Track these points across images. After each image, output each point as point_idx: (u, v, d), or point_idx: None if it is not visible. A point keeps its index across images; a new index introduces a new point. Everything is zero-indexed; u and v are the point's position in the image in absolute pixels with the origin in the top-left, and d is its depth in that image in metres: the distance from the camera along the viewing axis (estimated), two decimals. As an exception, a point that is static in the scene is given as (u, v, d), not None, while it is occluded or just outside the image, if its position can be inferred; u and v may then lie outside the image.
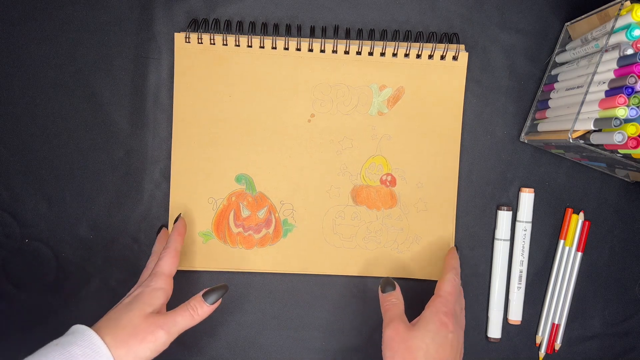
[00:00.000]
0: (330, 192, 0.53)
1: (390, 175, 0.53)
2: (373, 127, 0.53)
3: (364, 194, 0.53)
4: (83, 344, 0.37)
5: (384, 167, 0.53)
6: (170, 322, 0.41)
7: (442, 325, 0.41)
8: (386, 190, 0.53)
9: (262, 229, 0.52)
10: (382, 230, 0.53)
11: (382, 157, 0.53)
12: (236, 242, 0.52)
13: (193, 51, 0.52)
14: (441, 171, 0.53)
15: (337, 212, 0.53)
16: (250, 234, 0.52)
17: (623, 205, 0.53)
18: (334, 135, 0.53)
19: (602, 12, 0.46)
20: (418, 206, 0.53)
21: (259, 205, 0.52)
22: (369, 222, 0.53)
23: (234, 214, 0.52)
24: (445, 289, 0.44)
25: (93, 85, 0.52)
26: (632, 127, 0.40)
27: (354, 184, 0.53)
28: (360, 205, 0.53)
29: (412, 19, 0.54)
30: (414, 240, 0.53)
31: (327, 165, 0.53)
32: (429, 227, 0.53)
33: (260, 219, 0.52)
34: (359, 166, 0.53)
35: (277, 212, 0.52)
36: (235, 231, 0.52)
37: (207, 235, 0.52)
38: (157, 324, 0.40)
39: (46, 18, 0.52)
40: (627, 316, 0.53)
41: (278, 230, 0.52)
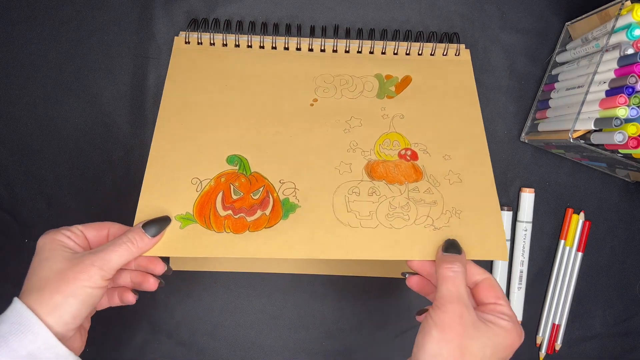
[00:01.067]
0: (340, 167, 0.46)
1: (409, 149, 0.47)
2: (382, 108, 0.49)
3: (381, 168, 0.46)
4: (10, 318, 0.33)
5: (401, 143, 0.48)
6: (102, 258, 0.35)
7: (516, 339, 0.34)
8: (407, 164, 0.47)
9: (256, 210, 0.44)
10: (409, 205, 0.45)
11: (397, 133, 0.48)
12: (223, 227, 0.43)
13: (192, 52, 0.51)
14: (469, 146, 0.47)
15: (349, 187, 0.45)
16: (241, 217, 0.44)
17: (623, 205, 0.53)
18: (340, 116, 0.49)
19: (603, 12, 0.46)
20: (450, 178, 0.46)
21: (253, 186, 0.45)
22: (392, 197, 0.45)
23: (222, 196, 0.45)
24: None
25: (93, 85, 0.52)
26: (633, 127, 0.40)
27: (367, 160, 0.47)
28: (378, 180, 0.46)
29: (412, 19, 0.54)
30: (453, 214, 0.44)
31: (334, 143, 0.47)
32: (468, 199, 0.45)
33: (255, 199, 0.45)
34: (372, 142, 0.48)
35: (275, 192, 0.45)
36: (222, 214, 0.44)
37: (187, 220, 0.44)
38: (86, 262, 0.34)
39: (46, 18, 0.52)
40: (627, 316, 0.53)
41: (277, 210, 0.44)
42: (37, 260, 0.36)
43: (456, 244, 0.39)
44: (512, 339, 0.34)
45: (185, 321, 0.50)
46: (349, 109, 0.49)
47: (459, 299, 0.33)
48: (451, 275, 0.35)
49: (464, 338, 0.32)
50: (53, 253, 0.36)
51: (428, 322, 0.33)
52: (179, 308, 0.50)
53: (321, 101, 0.49)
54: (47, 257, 0.35)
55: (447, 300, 0.33)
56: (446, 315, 0.32)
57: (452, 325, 0.32)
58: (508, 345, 0.34)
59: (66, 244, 0.36)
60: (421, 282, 0.41)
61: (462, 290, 0.34)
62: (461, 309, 0.33)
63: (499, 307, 0.35)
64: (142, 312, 0.50)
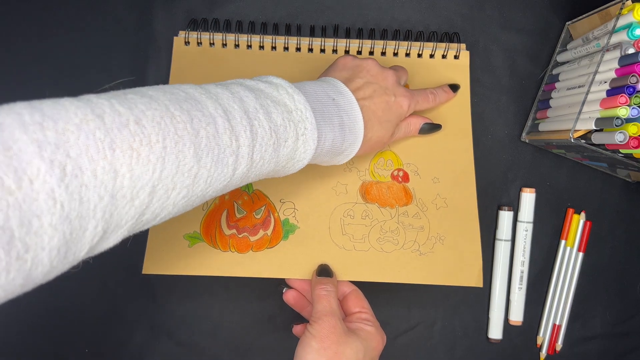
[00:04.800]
0: (337, 188, 0.48)
1: (401, 170, 0.50)
2: None
3: (375, 190, 0.49)
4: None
5: (394, 163, 0.50)
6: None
7: (380, 341, 0.40)
8: (399, 186, 0.49)
9: (259, 230, 0.47)
10: (398, 230, 0.48)
11: (391, 152, 0.50)
12: (228, 246, 0.46)
13: (192, 52, 0.51)
14: (457, 166, 0.50)
15: (345, 210, 0.48)
16: (245, 236, 0.47)
17: (624, 206, 0.53)
18: None
19: (603, 12, 0.45)
20: (437, 202, 0.49)
21: (255, 204, 0.48)
22: (383, 220, 0.48)
23: (226, 214, 0.47)
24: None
25: (93, 85, 0.52)
26: (634, 126, 0.40)
27: (362, 180, 0.49)
28: (371, 202, 0.48)
29: (413, 19, 0.54)
30: (437, 240, 0.48)
31: None
32: (452, 225, 0.48)
33: (257, 219, 0.47)
34: (367, 161, 0.50)
35: (276, 212, 0.48)
36: (227, 233, 0.47)
37: (194, 238, 0.46)
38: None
39: (46, 18, 0.52)
40: (628, 316, 0.53)
41: (278, 231, 0.47)
42: None
43: (328, 269, 0.45)
44: (377, 341, 0.40)
45: (185, 322, 0.50)
46: None
47: (332, 313, 0.39)
48: (325, 294, 0.40)
49: (339, 345, 0.37)
50: None
51: (307, 336, 0.38)
52: (179, 309, 0.50)
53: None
54: None
55: (322, 314, 0.39)
56: (322, 327, 0.37)
57: (329, 335, 0.37)
58: (374, 347, 0.39)
59: None
60: (297, 297, 0.46)
61: (334, 305, 0.40)
62: (335, 321, 0.38)
63: (363, 314, 0.41)
64: (142, 312, 0.50)
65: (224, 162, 0.29)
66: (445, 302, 0.51)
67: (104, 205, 0.23)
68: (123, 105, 0.25)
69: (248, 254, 0.46)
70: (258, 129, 0.31)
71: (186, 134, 0.26)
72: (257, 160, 0.31)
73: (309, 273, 0.46)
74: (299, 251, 0.47)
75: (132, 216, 0.25)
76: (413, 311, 0.51)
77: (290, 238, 0.47)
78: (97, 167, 0.22)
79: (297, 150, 0.34)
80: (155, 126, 0.25)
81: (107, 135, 0.23)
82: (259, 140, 0.31)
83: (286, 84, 0.35)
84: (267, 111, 0.32)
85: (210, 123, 0.28)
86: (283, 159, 0.34)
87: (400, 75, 0.46)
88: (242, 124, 0.30)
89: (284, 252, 0.47)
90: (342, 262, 0.47)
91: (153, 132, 0.25)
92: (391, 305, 0.51)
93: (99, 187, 0.22)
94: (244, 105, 0.31)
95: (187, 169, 0.27)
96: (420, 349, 0.51)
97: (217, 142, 0.28)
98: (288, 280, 0.47)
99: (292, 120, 0.33)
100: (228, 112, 0.30)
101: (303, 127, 0.34)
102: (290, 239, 0.47)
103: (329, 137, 0.37)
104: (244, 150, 0.30)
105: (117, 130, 0.23)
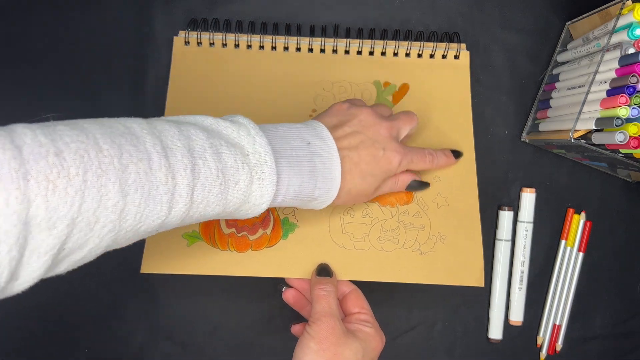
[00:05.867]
0: None
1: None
2: None
3: None
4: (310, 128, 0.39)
5: None
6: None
7: (379, 342, 0.40)
8: None
9: (258, 229, 0.47)
10: (399, 229, 0.48)
11: None
12: (227, 245, 0.46)
13: (192, 53, 0.51)
14: (458, 165, 0.49)
15: (345, 209, 0.48)
16: (244, 235, 0.46)
17: (625, 205, 0.53)
18: None
19: (604, 11, 0.45)
20: (438, 201, 0.49)
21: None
22: (383, 219, 0.48)
23: None
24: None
25: (93, 85, 0.52)
26: (634, 126, 0.40)
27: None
28: (371, 201, 0.48)
29: (413, 19, 0.54)
30: (438, 240, 0.48)
31: None
32: (453, 225, 0.48)
33: (256, 217, 0.47)
34: None
35: (275, 211, 0.47)
36: (226, 232, 0.46)
37: (193, 237, 0.46)
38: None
39: (46, 18, 0.52)
40: (629, 317, 0.53)
41: (277, 230, 0.47)
42: None
43: (327, 269, 0.44)
44: (376, 342, 0.39)
45: (184, 322, 0.50)
46: None
47: (331, 314, 0.38)
48: (324, 295, 0.40)
49: (337, 346, 0.36)
50: None
51: (305, 336, 0.37)
52: (179, 309, 0.50)
53: (319, 111, 0.50)
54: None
55: (321, 314, 0.38)
56: (321, 328, 0.37)
57: (327, 336, 0.37)
58: (374, 348, 0.39)
59: None
60: (297, 296, 0.46)
61: (334, 306, 0.39)
62: (334, 322, 0.38)
63: (363, 315, 0.41)
64: (141, 312, 0.49)
65: (157, 200, 0.28)
66: (446, 302, 0.51)
67: (18, 231, 0.23)
68: (47, 137, 0.25)
69: (247, 253, 0.46)
70: (202, 168, 0.30)
71: (112, 169, 0.26)
72: (200, 201, 0.30)
73: (308, 272, 0.46)
74: (299, 250, 0.47)
75: (51, 245, 0.25)
76: (413, 311, 0.51)
77: (290, 237, 0.47)
78: (10, 196, 0.23)
79: (251, 194, 0.33)
80: (77, 159, 0.25)
81: (22, 166, 0.23)
82: (201, 180, 0.30)
83: (251, 125, 0.34)
84: (217, 151, 0.31)
85: (143, 159, 0.28)
86: (234, 202, 0.33)
87: (400, 127, 0.43)
88: (182, 162, 0.29)
89: (283, 251, 0.46)
90: (342, 261, 0.46)
91: (73, 165, 0.25)
92: (391, 305, 0.51)
93: (11, 215, 0.23)
94: (190, 143, 0.30)
95: (112, 204, 0.26)
96: (420, 349, 0.50)
97: (149, 178, 0.28)
98: (288, 279, 0.47)
99: (247, 162, 0.32)
100: (168, 149, 0.29)
101: (260, 170, 0.33)
102: (289, 238, 0.47)
103: (294, 182, 0.36)
104: (182, 189, 0.29)
105: (34, 162, 0.24)
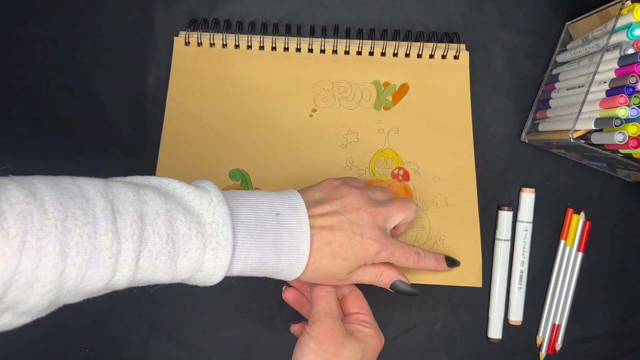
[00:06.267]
0: None
1: (402, 169, 0.50)
2: (379, 121, 0.51)
3: None
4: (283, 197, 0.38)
5: (395, 161, 0.50)
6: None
7: (378, 343, 0.40)
8: (399, 185, 0.49)
9: None
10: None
11: (391, 150, 0.50)
12: None
13: (192, 53, 0.51)
14: (457, 165, 0.50)
15: None
16: None
17: (624, 206, 0.53)
18: (338, 129, 0.50)
19: (603, 12, 0.46)
20: (437, 201, 0.49)
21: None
22: None
23: None
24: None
25: (93, 85, 0.52)
26: (633, 126, 0.40)
27: (363, 179, 0.49)
28: None
29: (413, 19, 0.54)
30: (438, 240, 0.48)
31: (332, 160, 0.49)
32: (452, 225, 0.49)
33: None
34: (367, 160, 0.50)
35: None
36: None
37: None
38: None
39: (46, 18, 0.52)
40: (628, 316, 0.53)
41: None
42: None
43: None
44: (375, 343, 0.39)
45: (184, 322, 0.50)
46: (347, 121, 0.51)
47: (331, 315, 0.38)
48: (324, 295, 0.40)
49: (337, 347, 0.37)
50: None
51: (305, 337, 0.37)
52: (179, 308, 0.50)
53: (320, 111, 0.50)
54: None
55: (321, 315, 0.38)
56: (321, 329, 0.37)
57: (327, 337, 0.37)
58: (373, 349, 0.39)
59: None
60: (297, 296, 0.46)
61: (333, 306, 0.39)
62: (334, 323, 0.38)
63: (362, 316, 0.41)
64: (141, 312, 0.50)
65: (100, 263, 0.28)
66: (445, 302, 0.51)
67: None
68: None
69: None
70: (151, 235, 0.30)
71: (54, 231, 0.26)
72: (146, 267, 0.30)
73: None
74: None
75: None
76: (413, 311, 0.51)
77: None
78: None
79: (204, 264, 0.33)
80: (18, 220, 0.25)
81: None
82: (148, 246, 0.30)
83: (215, 193, 0.34)
84: (170, 218, 0.31)
85: (89, 223, 0.28)
86: (185, 270, 0.33)
87: (389, 215, 0.41)
88: (131, 228, 0.29)
89: None
90: None
91: (14, 227, 0.25)
92: (391, 305, 0.51)
93: None
94: (144, 208, 0.30)
95: (52, 265, 0.26)
96: (420, 349, 0.51)
97: (93, 242, 0.28)
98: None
99: (201, 232, 0.32)
100: (118, 213, 0.29)
101: (215, 241, 0.33)
102: None
103: (253, 254, 0.35)
104: (128, 254, 0.29)
105: None
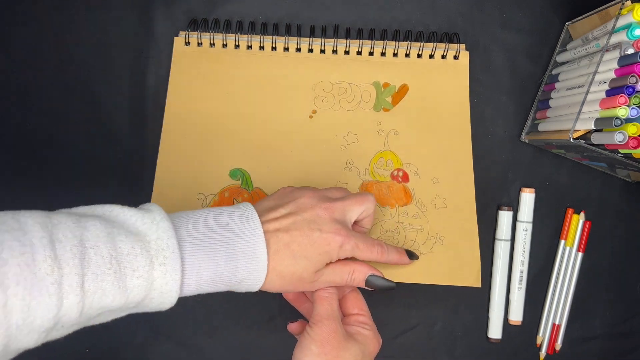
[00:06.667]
0: None
1: (401, 170, 0.50)
2: (379, 123, 0.51)
3: (375, 190, 0.49)
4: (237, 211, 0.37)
5: (394, 163, 0.50)
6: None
7: (376, 345, 0.40)
8: (398, 186, 0.50)
9: None
10: (398, 230, 0.49)
11: (390, 151, 0.50)
12: None
13: (192, 53, 0.51)
14: (456, 166, 0.50)
15: None
16: None
17: (624, 206, 0.53)
18: (338, 131, 0.51)
19: (603, 12, 0.46)
20: (436, 203, 0.49)
21: (255, 202, 0.48)
22: (383, 220, 0.49)
23: None
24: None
25: (93, 85, 0.52)
26: (633, 126, 0.40)
27: (362, 180, 0.49)
28: None
29: (413, 19, 0.54)
30: (437, 241, 0.49)
31: (331, 161, 0.50)
32: (451, 226, 0.49)
33: None
34: (367, 161, 0.50)
35: None
36: None
37: None
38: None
39: (46, 18, 0.52)
40: (628, 316, 0.53)
41: None
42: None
43: None
44: (374, 345, 0.39)
45: (185, 322, 0.50)
46: (347, 122, 0.51)
47: (333, 317, 0.38)
48: (326, 296, 0.40)
49: (339, 350, 0.36)
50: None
51: (306, 338, 0.37)
52: (179, 308, 0.50)
53: (320, 113, 0.50)
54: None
55: (323, 317, 0.38)
56: (323, 331, 0.37)
57: (329, 339, 0.37)
58: (371, 352, 0.39)
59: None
60: (297, 294, 0.45)
61: (335, 308, 0.39)
62: (335, 325, 0.38)
63: (361, 317, 0.41)
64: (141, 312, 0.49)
65: (43, 291, 0.28)
66: (445, 302, 0.51)
67: None
68: None
69: None
70: (93, 257, 0.30)
71: None
72: (93, 290, 0.30)
73: None
74: None
75: None
76: (412, 311, 0.51)
77: None
78: None
79: (155, 281, 0.33)
80: None
81: None
82: (92, 268, 0.30)
83: (158, 212, 0.34)
84: (112, 239, 0.31)
85: (27, 252, 0.28)
86: (138, 291, 0.33)
87: (346, 209, 0.40)
88: (71, 252, 0.29)
89: None
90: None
91: None
92: (390, 305, 0.51)
93: None
94: (85, 234, 0.31)
95: None
96: (420, 349, 0.51)
97: (33, 270, 0.28)
98: None
99: (147, 249, 0.32)
100: (57, 241, 0.30)
101: (162, 256, 0.32)
102: None
103: (206, 266, 0.35)
104: (72, 278, 0.29)
105: None
